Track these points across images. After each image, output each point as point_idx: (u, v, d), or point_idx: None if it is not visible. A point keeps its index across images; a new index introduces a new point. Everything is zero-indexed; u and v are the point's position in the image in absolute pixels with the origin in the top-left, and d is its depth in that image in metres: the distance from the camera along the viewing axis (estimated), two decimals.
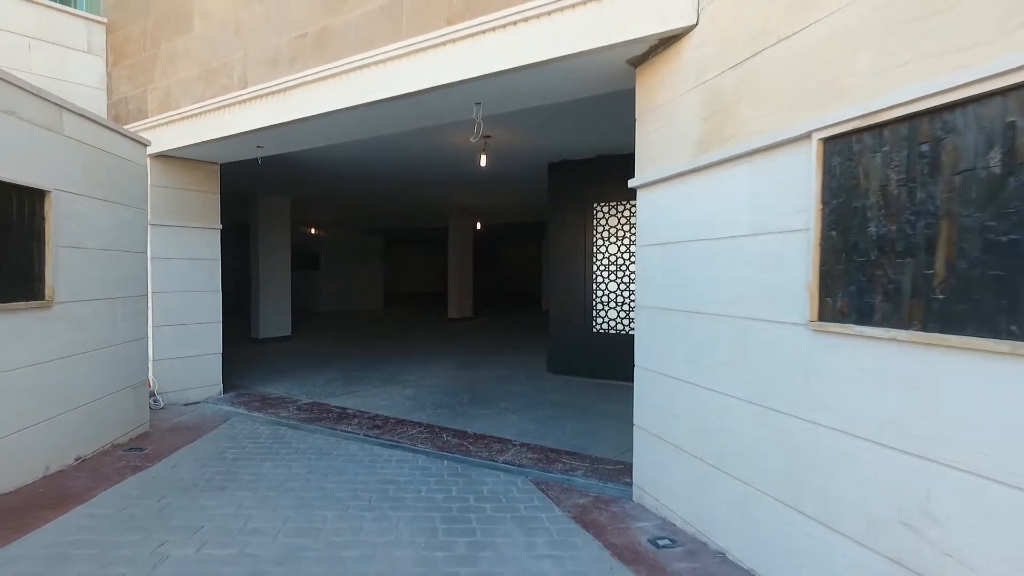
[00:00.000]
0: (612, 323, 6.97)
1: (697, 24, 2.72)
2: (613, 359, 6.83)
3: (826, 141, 2.02)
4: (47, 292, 3.41)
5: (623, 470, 3.78)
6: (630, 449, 3.43)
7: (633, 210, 6.71)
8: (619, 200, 6.89)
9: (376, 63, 3.87)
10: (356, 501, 3.28)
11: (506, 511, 3.17)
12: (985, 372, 1.57)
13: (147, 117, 5.59)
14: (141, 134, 5.25)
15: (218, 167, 6.16)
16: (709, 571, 2.50)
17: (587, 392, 6.37)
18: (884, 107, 1.80)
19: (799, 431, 2.17)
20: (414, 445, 4.40)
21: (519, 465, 3.94)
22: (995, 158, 1.54)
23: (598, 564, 2.59)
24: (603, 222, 7.02)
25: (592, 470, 3.85)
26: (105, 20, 6.00)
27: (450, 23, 3.51)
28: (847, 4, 1.97)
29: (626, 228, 6.89)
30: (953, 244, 1.64)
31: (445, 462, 4.00)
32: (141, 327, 4.70)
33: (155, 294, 5.59)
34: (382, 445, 4.39)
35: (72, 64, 5.80)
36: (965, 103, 1.61)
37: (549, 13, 3.08)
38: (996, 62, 1.52)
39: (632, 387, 3.33)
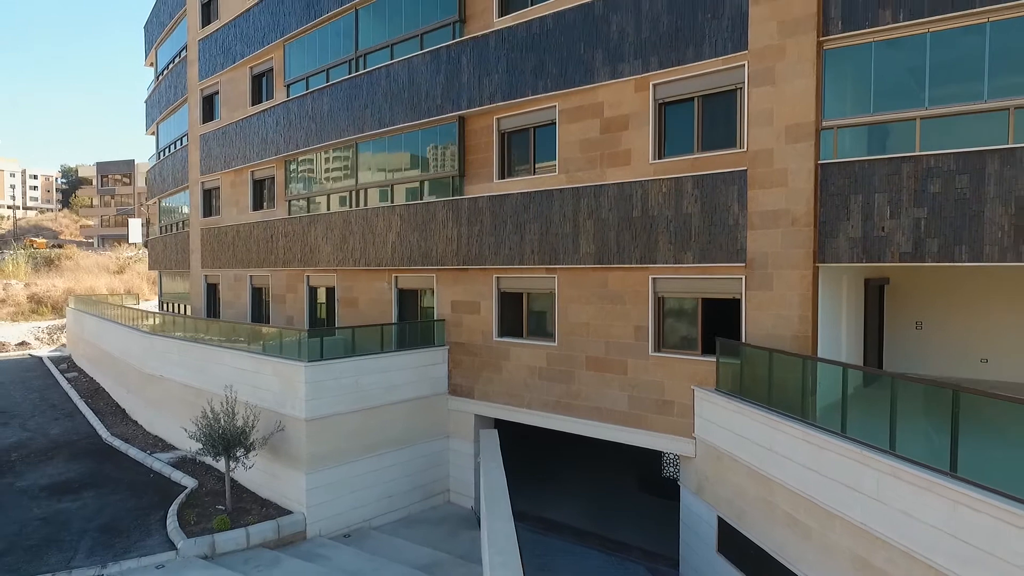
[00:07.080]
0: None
1: (696, 456, 10.38)
2: None
3: None
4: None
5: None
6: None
7: None
8: None
9: (584, 420, 11.68)
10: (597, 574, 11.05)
11: None
12: None
13: (473, 398, 13.57)
14: (472, 405, 13.31)
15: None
16: None
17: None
18: None
19: None
20: (596, 547, 12.12)
21: (637, 560, 11.62)
22: None
23: None
24: None
25: (668, 562, 11.47)
26: (448, 347, 14.07)
27: (606, 421, 11.30)
28: None
29: None
30: None
31: (612, 556, 11.73)
32: None
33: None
34: (582, 545, 12.14)
35: (435, 372, 13.88)
36: None
37: (633, 429, 10.84)
38: None
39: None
